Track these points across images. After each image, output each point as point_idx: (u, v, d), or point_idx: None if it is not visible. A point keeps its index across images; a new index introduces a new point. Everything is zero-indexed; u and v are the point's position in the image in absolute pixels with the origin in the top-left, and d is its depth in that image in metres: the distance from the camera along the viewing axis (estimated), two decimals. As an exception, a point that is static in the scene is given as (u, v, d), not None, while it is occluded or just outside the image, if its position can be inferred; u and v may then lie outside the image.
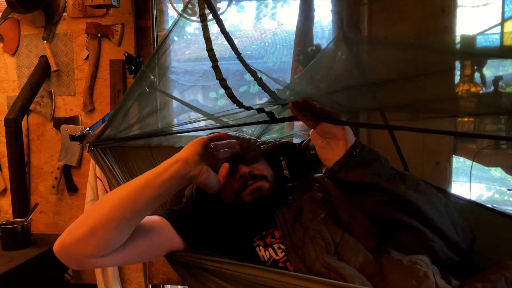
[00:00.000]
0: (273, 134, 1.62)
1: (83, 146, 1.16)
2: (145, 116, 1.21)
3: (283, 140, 1.11)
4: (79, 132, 1.17)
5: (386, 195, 0.78)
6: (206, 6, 0.80)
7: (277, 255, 0.83)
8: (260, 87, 0.95)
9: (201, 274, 0.78)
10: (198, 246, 0.84)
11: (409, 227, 0.77)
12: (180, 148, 0.81)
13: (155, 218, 0.86)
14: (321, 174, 1.00)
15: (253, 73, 0.94)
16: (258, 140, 1.04)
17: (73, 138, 1.17)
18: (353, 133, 0.84)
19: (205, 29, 0.76)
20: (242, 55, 0.95)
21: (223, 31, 0.92)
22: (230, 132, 1.07)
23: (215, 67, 0.76)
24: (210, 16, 0.87)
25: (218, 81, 0.77)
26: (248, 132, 1.35)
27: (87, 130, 1.18)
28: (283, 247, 0.83)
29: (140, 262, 1.91)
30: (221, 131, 0.99)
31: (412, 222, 0.76)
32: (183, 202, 1.02)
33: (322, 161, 0.87)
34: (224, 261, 0.74)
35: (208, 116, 1.13)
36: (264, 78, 0.95)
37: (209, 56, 0.76)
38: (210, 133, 1.06)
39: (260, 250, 0.85)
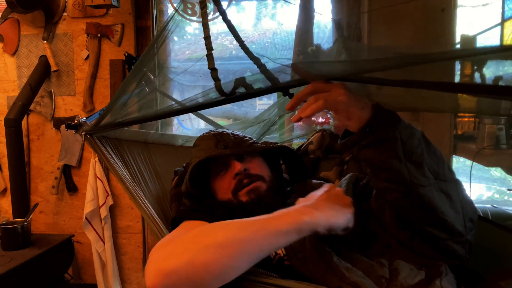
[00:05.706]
0: (274, 134, 1.62)
1: (79, 134, 1.15)
2: (144, 104, 1.21)
3: (280, 144, 1.10)
4: (76, 121, 1.16)
5: (397, 187, 0.70)
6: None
7: (277, 253, 0.82)
8: (263, 74, 0.94)
9: None
10: None
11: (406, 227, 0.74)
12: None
13: None
14: (319, 181, 1.00)
15: (256, 60, 0.92)
16: (253, 139, 1.04)
17: (69, 126, 1.16)
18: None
19: (204, 15, 0.76)
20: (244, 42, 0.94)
21: (229, 26, 0.92)
22: (226, 130, 1.07)
23: (209, 56, 0.75)
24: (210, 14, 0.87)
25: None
26: (255, 124, 1.34)
27: (84, 119, 1.18)
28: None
29: None
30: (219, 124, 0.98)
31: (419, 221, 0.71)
32: (182, 201, 1.02)
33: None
34: None
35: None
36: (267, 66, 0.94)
37: (205, 43, 0.76)
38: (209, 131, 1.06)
39: None
